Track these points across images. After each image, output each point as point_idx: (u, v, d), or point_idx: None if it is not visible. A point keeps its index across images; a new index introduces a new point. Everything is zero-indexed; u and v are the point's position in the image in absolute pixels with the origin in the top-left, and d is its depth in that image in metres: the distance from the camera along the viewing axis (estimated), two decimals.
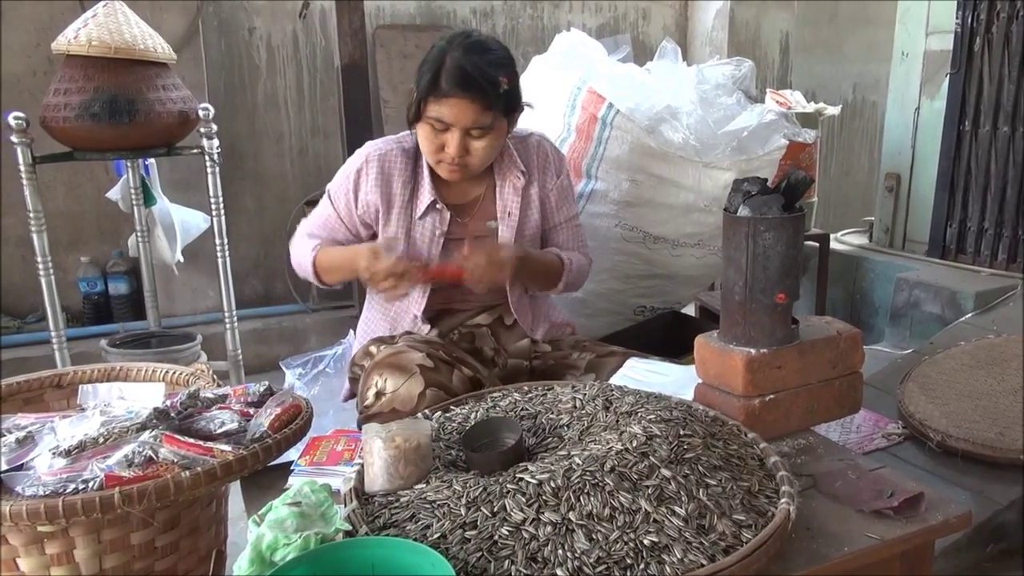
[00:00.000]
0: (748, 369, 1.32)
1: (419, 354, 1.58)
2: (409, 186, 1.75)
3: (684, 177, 2.16)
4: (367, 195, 1.76)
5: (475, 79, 1.57)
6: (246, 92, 3.43)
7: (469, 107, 1.59)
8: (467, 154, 1.65)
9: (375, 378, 1.57)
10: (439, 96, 1.59)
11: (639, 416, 1.21)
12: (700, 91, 2.24)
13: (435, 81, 1.58)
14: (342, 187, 1.77)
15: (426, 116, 1.62)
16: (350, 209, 1.78)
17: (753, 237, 1.31)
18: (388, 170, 1.74)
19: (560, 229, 1.86)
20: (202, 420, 1.34)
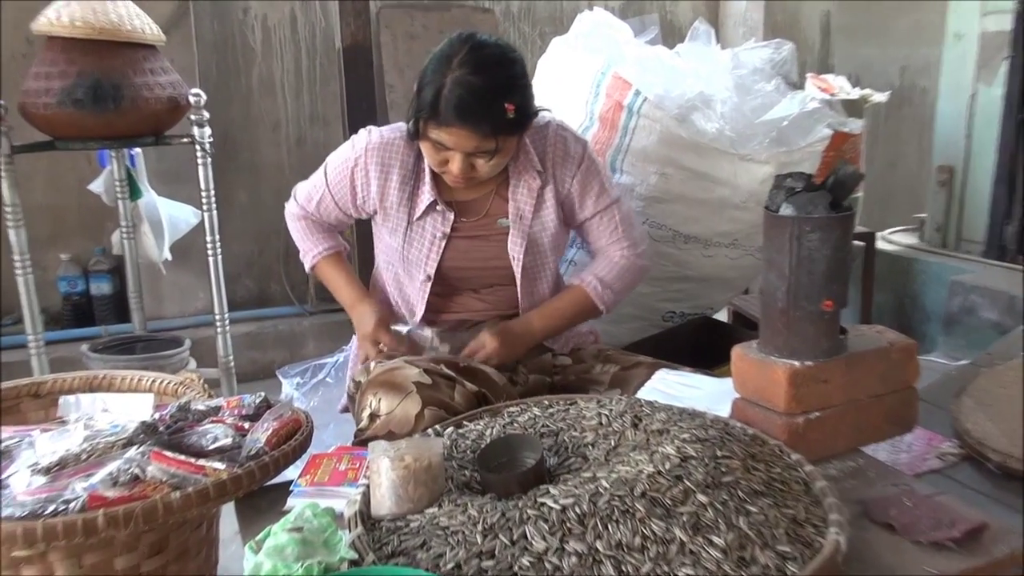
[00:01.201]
0: (791, 383, 1.31)
1: (415, 370, 1.57)
2: (409, 183, 1.75)
3: (718, 171, 2.14)
4: (364, 190, 1.77)
5: (476, 109, 1.56)
6: (240, 76, 3.43)
7: (471, 135, 1.58)
8: (473, 170, 1.65)
9: (369, 398, 1.57)
10: (439, 123, 1.59)
11: (672, 435, 1.20)
12: (736, 76, 2.23)
13: (435, 106, 1.57)
14: (339, 174, 1.79)
15: (427, 136, 1.62)
16: (345, 199, 1.81)
17: (797, 238, 1.29)
18: (388, 163, 1.75)
19: (591, 224, 1.84)
20: (193, 435, 1.33)
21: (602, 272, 1.84)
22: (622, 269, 1.85)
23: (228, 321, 2.72)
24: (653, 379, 1.66)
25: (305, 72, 3.53)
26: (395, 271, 1.83)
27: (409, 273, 1.80)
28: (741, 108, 2.18)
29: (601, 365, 1.79)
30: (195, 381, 1.75)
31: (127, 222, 2.95)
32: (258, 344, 3.34)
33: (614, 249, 1.85)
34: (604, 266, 1.85)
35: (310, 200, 1.88)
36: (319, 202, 1.86)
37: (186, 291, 3.35)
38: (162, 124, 2.54)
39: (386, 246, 1.83)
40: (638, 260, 1.87)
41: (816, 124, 2.20)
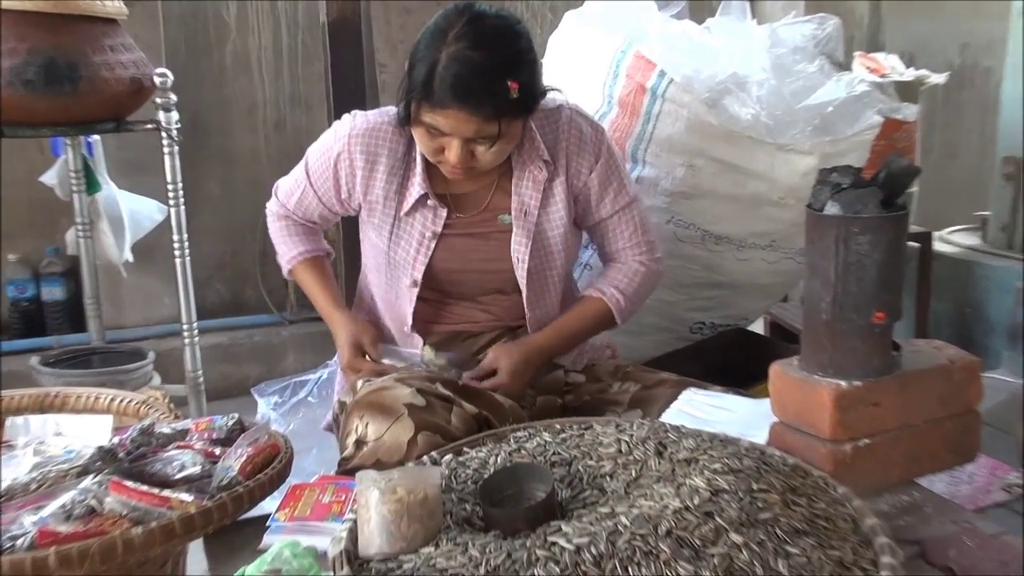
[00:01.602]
0: (837, 406, 1.31)
1: (407, 390, 1.57)
2: (398, 173, 1.76)
3: (754, 162, 2.14)
4: (349, 182, 1.78)
5: (476, 89, 1.54)
6: (212, 54, 3.44)
7: (470, 119, 1.57)
8: (472, 159, 1.65)
9: (354, 422, 1.57)
10: (434, 105, 1.57)
11: (701, 465, 1.19)
12: (774, 55, 2.22)
13: (428, 85, 1.56)
14: (321, 166, 1.80)
15: (420, 120, 1.61)
16: (329, 193, 1.82)
17: (844, 241, 1.29)
18: (374, 151, 1.75)
19: (608, 225, 1.84)
20: (157, 462, 1.33)
21: (622, 282, 1.84)
22: (643, 277, 1.85)
23: (197, 331, 2.72)
24: (679, 400, 1.65)
25: (285, 49, 3.53)
26: (383, 275, 1.83)
27: (396, 277, 1.80)
28: (780, 91, 2.17)
29: (619, 383, 1.79)
30: (160, 400, 1.76)
31: (83, 218, 2.95)
32: (231, 357, 3.34)
33: (632, 254, 1.86)
34: (623, 275, 1.85)
35: (290, 196, 1.89)
36: (300, 198, 1.86)
37: (150, 297, 3.35)
38: (124, 108, 2.54)
39: (372, 246, 1.84)
40: (656, 266, 1.88)
41: (865, 110, 2.20)
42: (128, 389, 2.45)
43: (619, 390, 1.78)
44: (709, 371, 2.02)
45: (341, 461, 1.57)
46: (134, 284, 3.30)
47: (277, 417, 2.05)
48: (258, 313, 3.55)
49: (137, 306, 3.35)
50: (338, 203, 1.83)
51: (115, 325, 3.26)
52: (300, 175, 1.86)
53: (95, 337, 3.04)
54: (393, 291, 1.82)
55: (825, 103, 2.17)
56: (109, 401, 1.80)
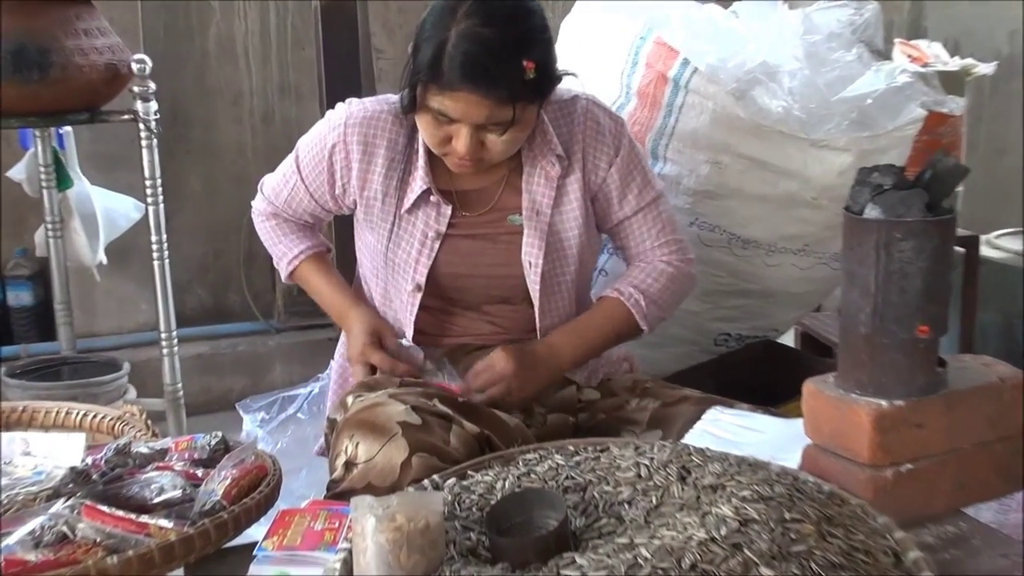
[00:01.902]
0: (877, 428, 1.30)
1: (400, 407, 1.57)
2: (398, 167, 1.76)
3: (785, 160, 2.14)
4: (344, 176, 1.79)
5: (489, 69, 1.54)
6: (194, 39, 3.45)
7: (483, 102, 1.57)
8: (482, 149, 1.65)
9: (344, 442, 1.56)
10: (442, 87, 1.57)
11: (728, 492, 1.19)
12: (807, 43, 2.22)
13: (436, 66, 1.56)
14: (314, 158, 1.80)
15: (427, 106, 1.62)
16: (322, 188, 1.82)
17: (886, 247, 1.29)
18: (372, 141, 1.75)
19: (631, 224, 1.84)
20: (135, 485, 1.34)
21: (644, 282, 1.82)
22: (669, 278, 1.83)
23: (176, 340, 2.72)
24: (703, 419, 1.65)
25: (274, 34, 3.54)
26: (381, 281, 1.83)
27: (395, 282, 1.80)
28: (814, 82, 2.17)
29: (637, 400, 1.78)
30: (136, 416, 1.76)
31: (54, 217, 2.96)
32: (213, 368, 3.35)
33: (659, 253, 1.85)
34: (646, 274, 1.83)
35: (278, 194, 1.89)
36: (290, 195, 1.87)
37: (125, 302, 3.36)
38: (98, 97, 2.55)
39: (369, 249, 1.84)
40: (688, 267, 1.87)
41: (907, 103, 2.20)
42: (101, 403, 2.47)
43: (637, 407, 1.77)
44: (735, 387, 2.01)
45: (330, 484, 1.57)
46: (108, 288, 3.31)
47: (264, 435, 2.05)
48: (243, 320, 3.55)
49: (111, 312, 3.36)
50: (331, 200, 1.83)
51: (87, 333, 3.27)
52: (289, 169, 1.86)
53: (65, 346, 3.05)
54: (392, 298, 1.82)
55: (863, 95, 2.16)
56: (81, 417, 1.81)
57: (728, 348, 2.41)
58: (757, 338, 2.44)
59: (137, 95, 2.57)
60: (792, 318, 2.56)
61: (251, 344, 3.44)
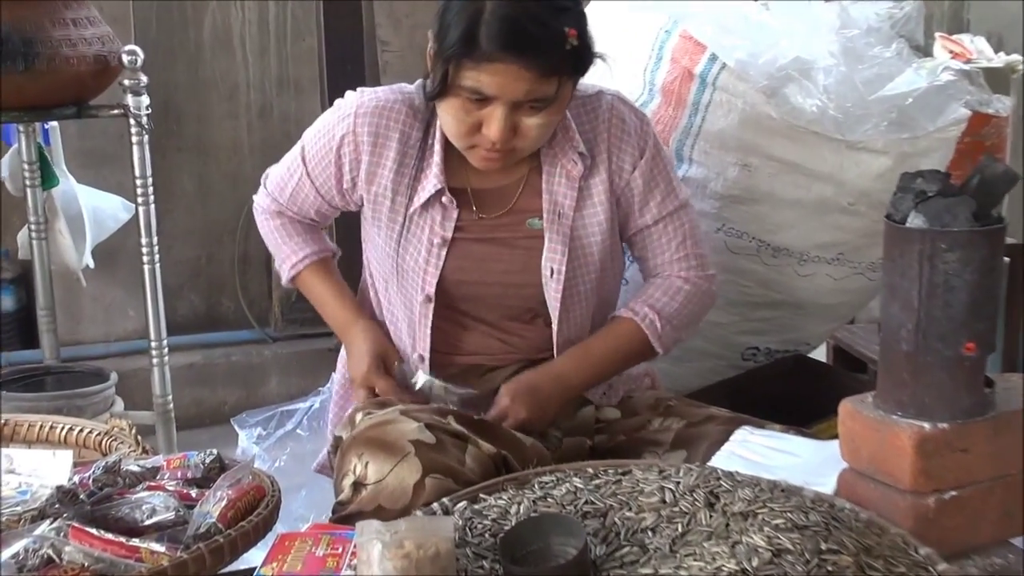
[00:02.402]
0: (919, 452, 1.30)
1: (413, 425, 1.57)
2: (411, 163, 1.75)
3: (819, 162, 2.13)
4: (353, 170, 1.78)
5: (532, 35, 1.55)
6: (188, 29, 3.46)
7: (523, 75, 1.56)
8: (515, 136, 1.64)
9: (352, 460, 1.56)
10: (479, 60, 1.56)
11: (760, 519, 1.19)
12: (843, 38, 2.21)
13: (471, 39, 1.55)
14: (322, 150, 1.80)
15: (458, 86, 1.60)
16: (329, 183, 1.82)
17: (930, 259, 1.28)
18: (383, 133, 1.75)
19: (651, 233, 1.83)
20: (125, 506, 1.34)
21: (660, 301, 1.81)
22: (687, 297, 1.82)
23: (167, 349, 2.72)
24: (732, 440, 1.65)
25: (272, 24, 3.55)
26: (391, 287, 1.83)
27: (405, 290, 1.79)
28: (850, 80, 2.16)
29: (660, 419, 1.78)
30: (126, 430, 1.77)
31: (37, 217, 2.97)
32: (205, 379, 3.35)
33: (678, 268, 1.84)
34: (664, 292, 1.82)
35: (283, 188, 1.89)
36: (295, 190, 1.86)
37: (112, 308, 3.37)
38: (86, 90, 2.55)
39: (378, 251, 1.83)
40: (707, 284, 1.86)
41: (950, 102, 2.19)
42: (86, 416, 2.48)
43: (660, 427, 1.77)
44: (763, 405, 2.00)
45: (336, 506, 1.57)
46: (95, 294, 3.31)
47: (260, 452, 2.05)
48: (237, 328, 3.56)
49: (98, 319, 3.37)
50: (338, 196, 1.83)
51: (72, 341, 3.28)
52: (295, 162, 1.85)
53: (48, 354, 3.05)
54: (402, 308, 1.81)
55: (903, 94, 2.16)
56: (66, 432, 1.81)
57: (756, 363, 2.40)
58: (787, 352, 2.43)
59: (128, 88, 2.57)
60: (824, 331, 2.55)
61: (246, 354, 3.44)
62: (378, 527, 1.17)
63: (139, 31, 3.28)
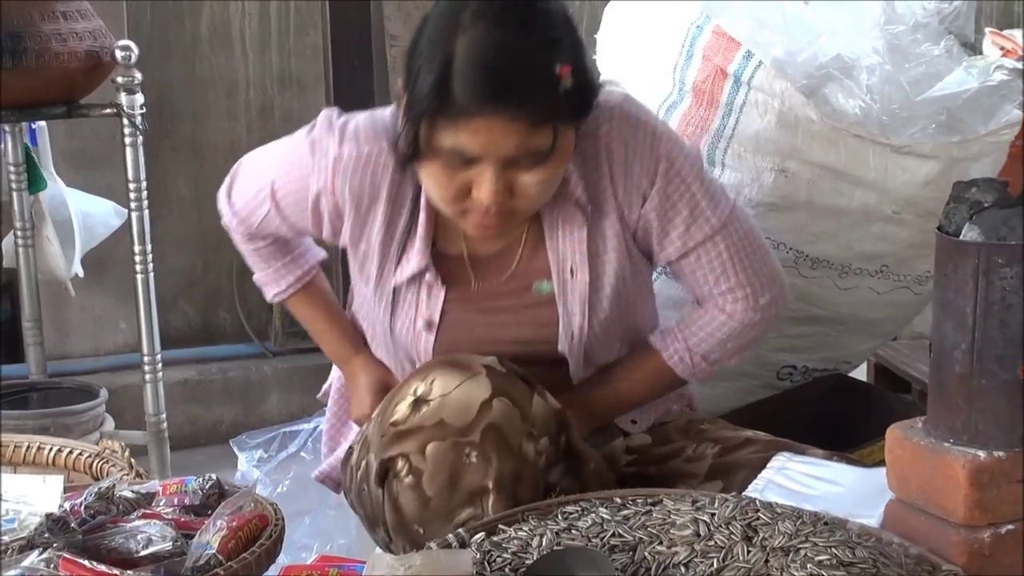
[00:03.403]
0: (974, 483, 1.29)
1: (486, 358, 1.56)
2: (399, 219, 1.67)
3: (862, 167, 2.13)
4: (335, 225, 1.72)
5: (516, 80, 1.43)
6: (184, 23, 3.47)
7: (510, 128, 1.44)
8: (512, 198, 1.53)
9: (413, 384, 1.55)
10: (455, 116, 1.44)
11: (803, 555, 1.19)
12: (888, 34, 2.21)
13: (443, 91, 1.43)
14: (293, 197, 1.72)
15: (435, 148, 1.49)
16: (304, 225, 1.76)
17: (986, 275, 1.28)
18: (370, 194, 1.66)
19: (681, 267, 1.74)
20: (118, 535, 1.34)
21: (697, 336, 1.75)
22: (730, 333, 1.75)
23: (160, 363, 2.73)
24: (769, 467, 1.64)
25: (274, 17, 3.55)
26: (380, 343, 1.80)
27: (398, 359, 1.78)
28: (896, 79, 2.15)
29: (694, 446, 1.77)
30: (118, 452, 1.77)
31: (24, 223, 2.97)
32: (201, 396, 3.35)
33: (721, 303, 1.75)
34: (701, 327, 1.76)
35: (250, 215, 1.79)
36: (264, 221, 1.78)
37: (102, 320, 3.37)
38: (77, 88, 2.56)
39: (367, 302, 1.78)
40: (759, 316, 1.76)
41: (1003, 103, 2.18)
42: (75, 435, 2.49)
43: (694, 455, 1.76)
44: (801, 427, 2.01)
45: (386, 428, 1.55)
46: (84, 304, 3.32)
47: (261, 476, 2.06)
48: (234, 342, 3.55)
49: (87, 332, 3.37)
50: (318, 234, 1.78)
51: (60, 355, 3.28)
52: (261, 192, 1.75)
53: (35, 369, 3.05)
54: (400, 356, 1.78)
55: (954, 95, 2.15)
56: (55, 453, 1.82)
57: (793, 383, 2.40)
58: (826, 371, 2.43)
59: (121, 86, 2.58)
60: (866, 349, 2.54)
61: (244, 369, 3.44)
62: (390, 561, 1.17)
63: (132, 25, 3.29)
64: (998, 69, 2.20)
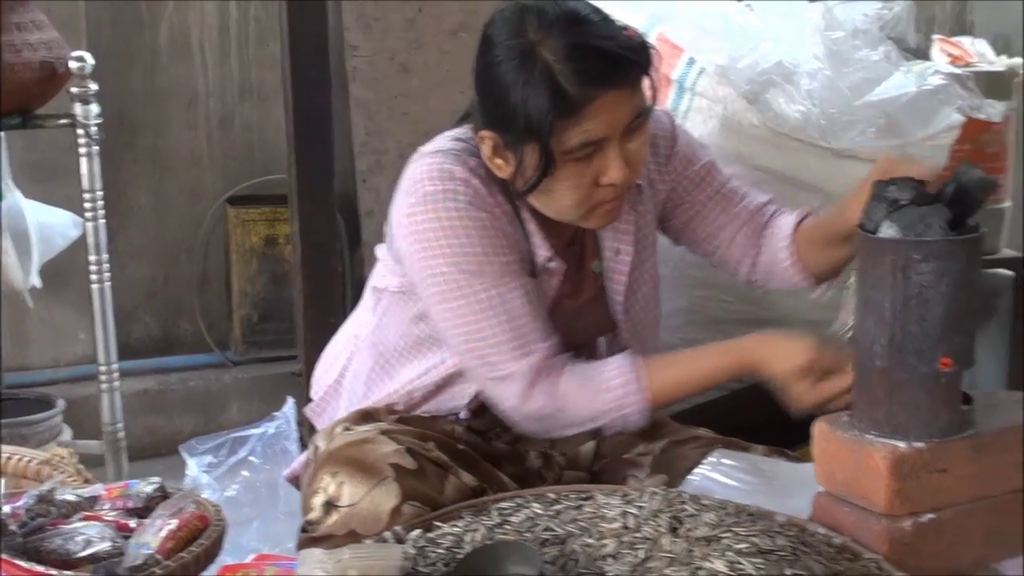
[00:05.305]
0: (895, 473, 1.31)
1: (393, 447, 1.58)
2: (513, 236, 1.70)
3: (804, 171, 2.16)
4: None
5: (608, 52, 1.54)
6: (143, 34, 3.47)
7: (622, 96, 1.56)
8: (630, 171, 1.62)
9: (325, 479, 1.57)
10: (577, 110, 1.52)
11: (724, 544, 1.21)
12: (829, 40, 2.24)
13: (558, 96, 1.52)
14: (484, 242, 1.64)
15: (565, 152, 1.56)
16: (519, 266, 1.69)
17: (903, 270, 1.31)
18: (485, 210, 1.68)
19: (723, 197, 1.87)
20: (58, 536, 1.35)
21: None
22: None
23: (117, 374, 2.73)
24: (704, 464, 1.66)
25: (234, 28, 3.56)
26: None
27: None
28: (836, 85, 2.19)
29: (645, 444, 1.80)
30: (66, 459, 1.78)
31: None
32: (160, 407, 3.34)
33: (769, 208, 1.90)
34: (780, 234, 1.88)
35: (517, 332, 1.64)
36: (515, 319, 1.65)
37: (60, 331, 3.36)
38: (32, 99, 2.56)
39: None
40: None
41: (942, 107, 2.22)
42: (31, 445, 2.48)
43: (644, 451, 1.79)
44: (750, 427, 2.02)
45: (305, 525, 1.58)
46: (42, 315, 3.30)
47: (210, 481, 2.06)
48: (194, 352, 3.55)
49: (45, 343, 3.36)
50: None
51: (17, 366, 3.27)
52: (473, 297, 1.63)
53: None
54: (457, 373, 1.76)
55: (892, 99, 2.18)
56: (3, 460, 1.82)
57: (740, 384, 2.40)
58: None
59: (76, 96, 2.58)
60: None
61: (204, 379, 3.43)
62: (321, 556, 1.18)
63: (92, 36, 3.29)
64: (935, 74, 2.23)
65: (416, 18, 3.04)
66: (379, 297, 1.82)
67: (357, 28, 3.51)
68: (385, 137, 3.03)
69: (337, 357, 1.95)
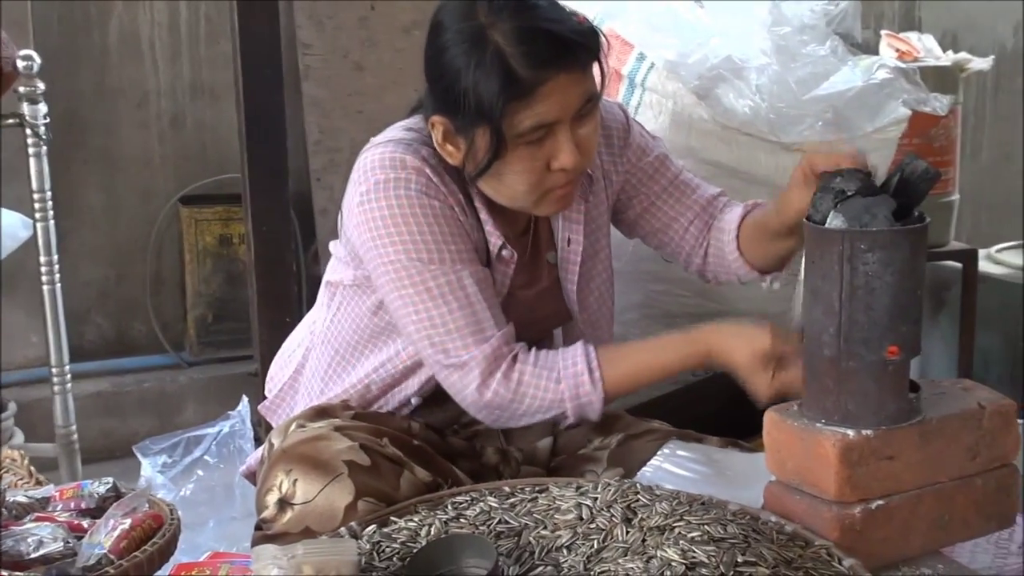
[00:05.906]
0: (844, 460, 1.33)
1: (347, 443, 1.58)
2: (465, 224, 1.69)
3: (754, 165, 2.18)
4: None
5: (558, 35, 1.53)
6: (92, 33, 3.45)
7: (572, 79, 1.55)
8: (581, 156, 1.61)
9: (279, 476, 1.57)
10: (528, 92, 1.51)
11: (676, 533, 1.22)
12: (776, 36, 2.27)
13: (508, 78, 1.51)
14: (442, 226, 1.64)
15: (516, 136, 1.55)
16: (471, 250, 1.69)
17: (850, 260, 1.32)
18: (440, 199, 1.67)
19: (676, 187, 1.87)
20: (8, 538, 1.34)
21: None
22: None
23: (69, 376, 2.71)
24: (658, 455, 1.68)
25: (184, 26, 3.54)
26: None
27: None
28: (784, 79, 2.21)
29: (601, 438, 1.81)
30: (17, 461, 1.76)
31: None
32: (115, 408, 3.32)
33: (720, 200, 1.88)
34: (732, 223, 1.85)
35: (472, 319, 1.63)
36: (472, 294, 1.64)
37: (13, 334, 3.33)
38: None
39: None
40: None
41: (888, 101, 2.25)
42: None
43: (600, 445, 1.80)
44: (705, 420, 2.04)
45: (259, 524, 1.58)
46: None
47: (165, 481, 2.05)
48: (149, 353, 3.53)
49: None
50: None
51: None
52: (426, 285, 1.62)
53: None
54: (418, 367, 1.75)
55: (839, 93, 2.21)
56: None
57: (696, 377, 2.43)
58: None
59: (24, 96, 2.56)
60: None
61: (159, 380, 3.41)
62: (275, 552, 1.18)
63: (39, 35, 3.25)
64: (880, 68, 2.26)
65: (369, 16, 3.04)
66: (333, 292, 1.81)
67: (309, 26, 3.51)
68: (339, 135, 3.03)
69: (292, 354, 1.94)
